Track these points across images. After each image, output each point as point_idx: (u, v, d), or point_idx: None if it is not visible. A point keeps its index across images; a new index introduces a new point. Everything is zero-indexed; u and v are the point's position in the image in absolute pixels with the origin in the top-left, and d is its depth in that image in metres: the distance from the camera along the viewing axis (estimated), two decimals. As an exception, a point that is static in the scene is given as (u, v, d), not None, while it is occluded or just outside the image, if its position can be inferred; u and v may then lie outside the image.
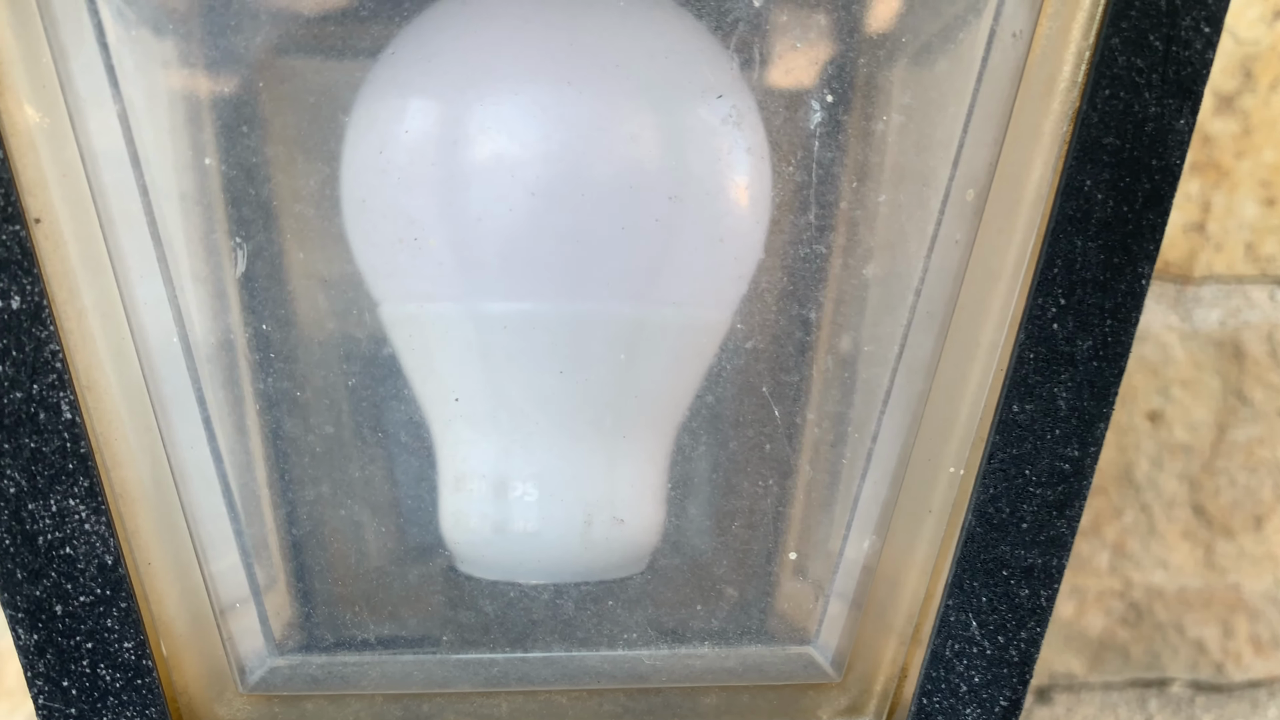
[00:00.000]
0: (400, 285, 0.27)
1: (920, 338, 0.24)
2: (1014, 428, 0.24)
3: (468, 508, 0.28)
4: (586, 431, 0.28)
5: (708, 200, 0.25)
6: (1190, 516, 0.54)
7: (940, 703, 0.25)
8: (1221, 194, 0.52)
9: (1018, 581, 0.25)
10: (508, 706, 0.25)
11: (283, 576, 0.26)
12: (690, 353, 0.27)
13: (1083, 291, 0.24)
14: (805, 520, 0.25)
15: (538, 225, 0.25)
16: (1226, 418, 0.54)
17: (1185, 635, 0.55)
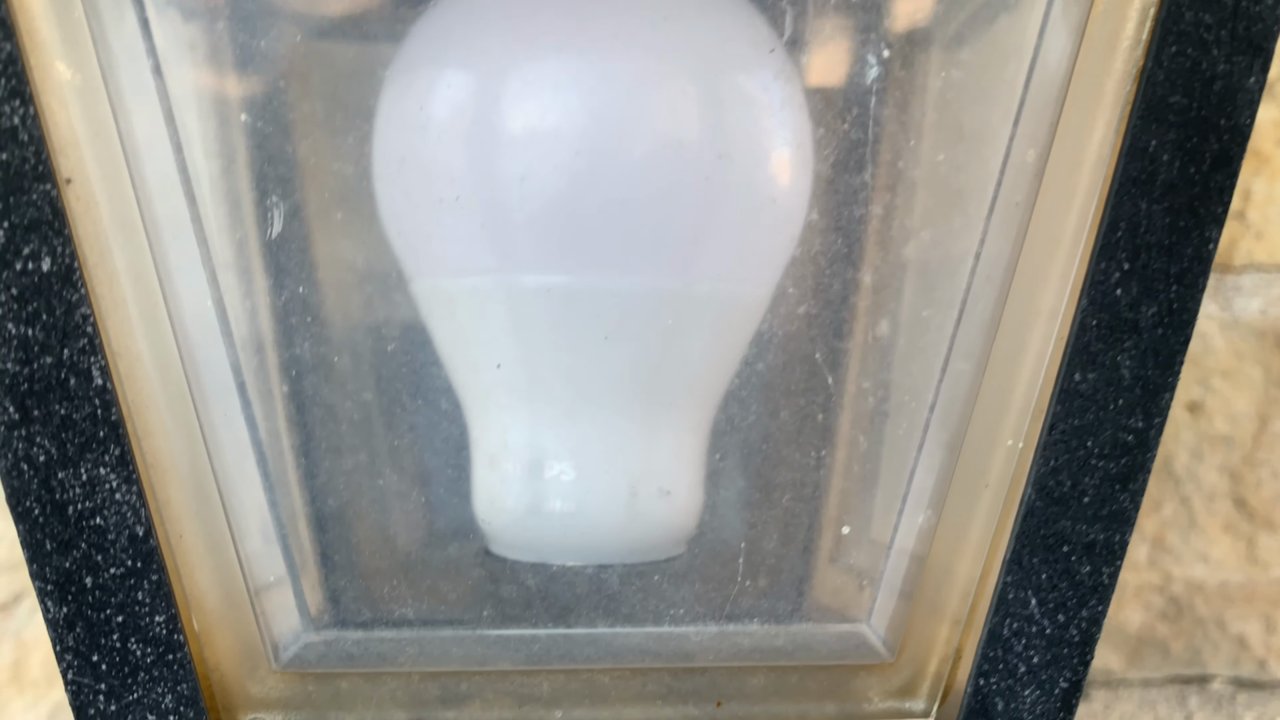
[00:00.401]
0: (434, 257, 0.26)
1: (979, 304, 0.23)
2: (1075, 398, 0.23)
3: (502, 488, 0.27)
4: (625, 409, 0.27)
5: (752, 166, 0.25)
6: (1231, 509, 0.53)
7: (998, 684, 0.24)
8: (1262, 181, 0.51)
9: (1079, 557, 0.24)
10: (548, 686, 0.25)
11: (318, 550, 0.25)
12: (729, 330, 0.27)
13: (1147, 256, 0.23)
14: (858, 494, 0.24)
15: (579, 190, 0.24)
16: (1268, 409, 0.53)
17: (1227, 631, 0.54)
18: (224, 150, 0.23)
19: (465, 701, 0.25)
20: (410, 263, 0.27)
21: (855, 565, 0.25)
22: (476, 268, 0.26)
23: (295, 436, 0.24)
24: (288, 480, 0.24)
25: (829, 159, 0.23)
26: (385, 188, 0.24)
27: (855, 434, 0.24)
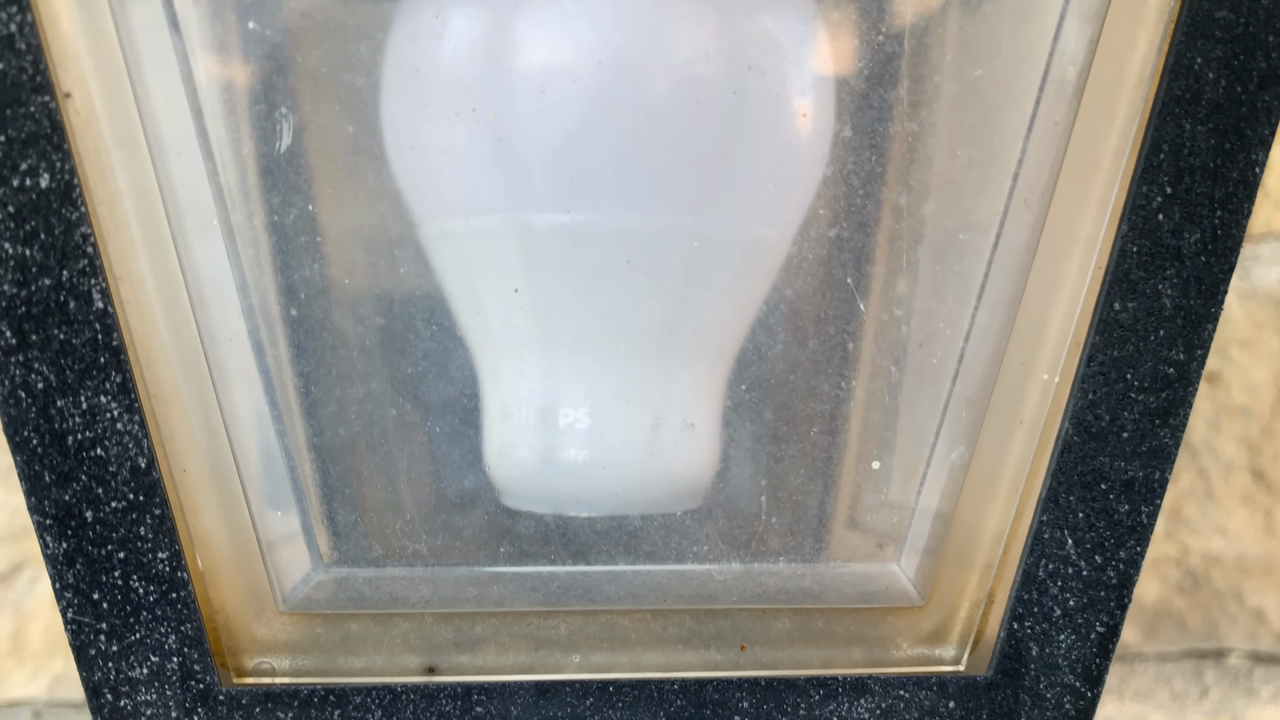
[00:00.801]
0: (443, 195, 0.25)
1: (1016, 229, 0.22)
2: (1115, 328, 0.22)
3: (515, 438, 0.26)
4: (640, 356, 0.26)
5: (771, 106, 0.24)
6: (1249, 481, 0.52)
7: (1032, 628, 0.23)
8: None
9: (1117, 496, 0.23)
10: (566, 629, 0.24)
11: (327, 486, 0.24)
12: (748, 274, 0.26)
13: (1190, 180, 0.22)
14: (890, 427, 0.23)
15: (599, 110, 0.23)
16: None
17: (1244, 604, 0.53)
18: (232, 60, 0.22)
19: (479, 645, 0.24)
20: (418, 202, 0.26)
21: (885, 502, 0.24)
22: (487, 206, 0.25)
23: (303, 364, 0.23)
24: (294, 411, 0.23)
25: (863, 72, 0.22)
26: (396, 108, 0.23)
27: (886, 364, 0.23)
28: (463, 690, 0.23)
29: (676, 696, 0.23)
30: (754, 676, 0.23)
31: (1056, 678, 0.24)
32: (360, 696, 0.23)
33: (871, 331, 0.23)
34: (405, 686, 0.23)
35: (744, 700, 0.23)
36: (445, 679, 0.23)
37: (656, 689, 0.23)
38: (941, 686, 0.23)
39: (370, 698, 0.23)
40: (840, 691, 0.23)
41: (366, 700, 0.23)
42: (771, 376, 0.23)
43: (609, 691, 0.23)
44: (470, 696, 0.23)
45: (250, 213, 0.22)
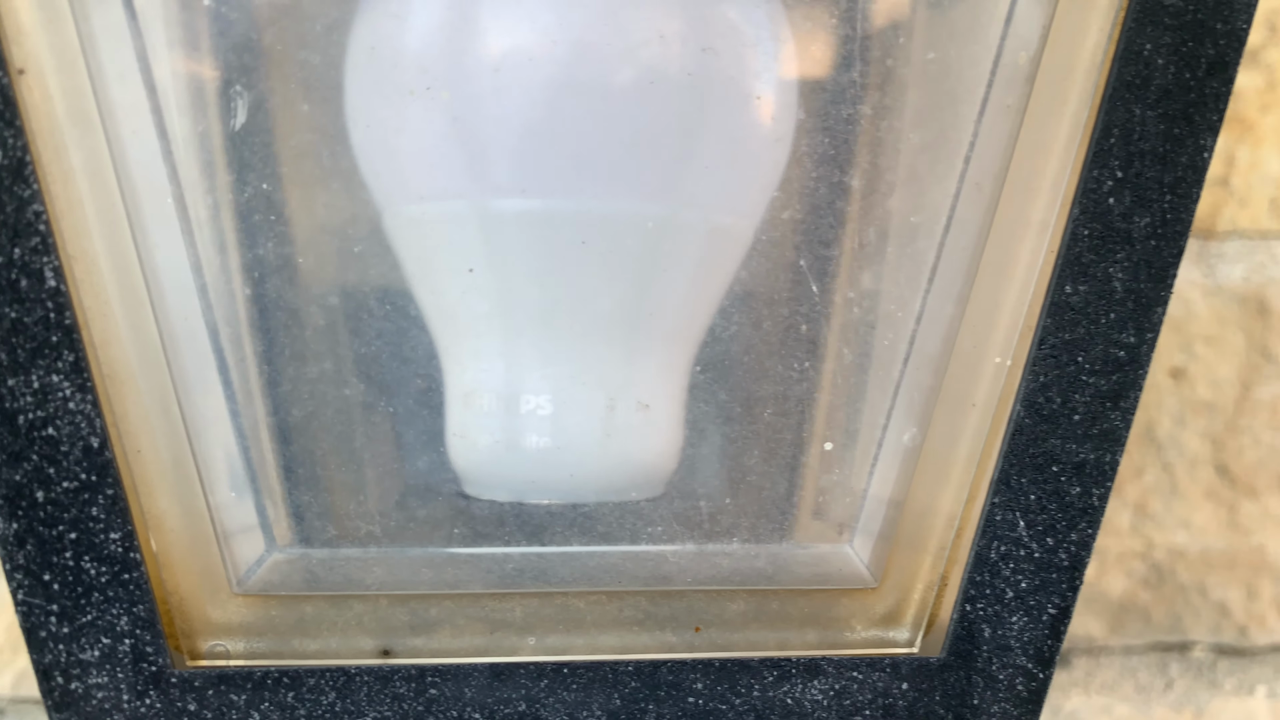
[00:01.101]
0: (403, 180, 0.25)
1: (968, 212, 0.22)
2: (1066, 310, 0.23)
3: (477, 425, 0.26)
4: (603, 343, 0.26)
5: (730, 91, 0.24)
6: (1213, 476, 0.53)
7: (984, 610, 0.24)
8: (1246, 148, 0.51)
9: (1069, 478, 0.23)
10: (521, 611, 0.24)
11: (282, 467, 0.24)
12: (709, 261, 0.26)
13: (1141, 164, 0.22)
14: (843, 408, 0.23)
15: (556, 92, 0.23)
16: (1250, 375, 0.52)
17: (1208, 597, 0.53)
18: (187, 38, 0.22)
19: (435, 628, 0.24)
20: (378, 187, 0.26)
21: (838, 484, 0.24)
22: (446, 190, 0.25)
23: (259, 344, 0.23)
24: (250, 392, 0.23)
25: (817, 56, 0.22)
26: (355, 85, 0.23)
27: (839, 346, 0.23)
28: (417, 672, 0.23)
29: (630, 678, 0.23)
30: (708, 658, 0.23)
31: (1009, 659, 0.24)
32: (314, 679, 0.23)
33: (825, 314, 0.23)
34: (360, 669, 0.23)
35: (698, 682, 0.23)
36: (400, 661, 0.23)
37: (611, 670, 0.23)
38: (895, 668, 0.24)
39: (324, 680, 0.23)
40: (794, 673, 0.23)
41: (321, 682, 0.23)
42: (726, 358, 0.23)
43: (563, 673, 0.23)
44: (425, 679, 0.23)
45: (206, 191, 0.22)
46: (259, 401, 0.23)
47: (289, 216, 0.23)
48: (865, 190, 0.22)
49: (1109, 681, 0.53)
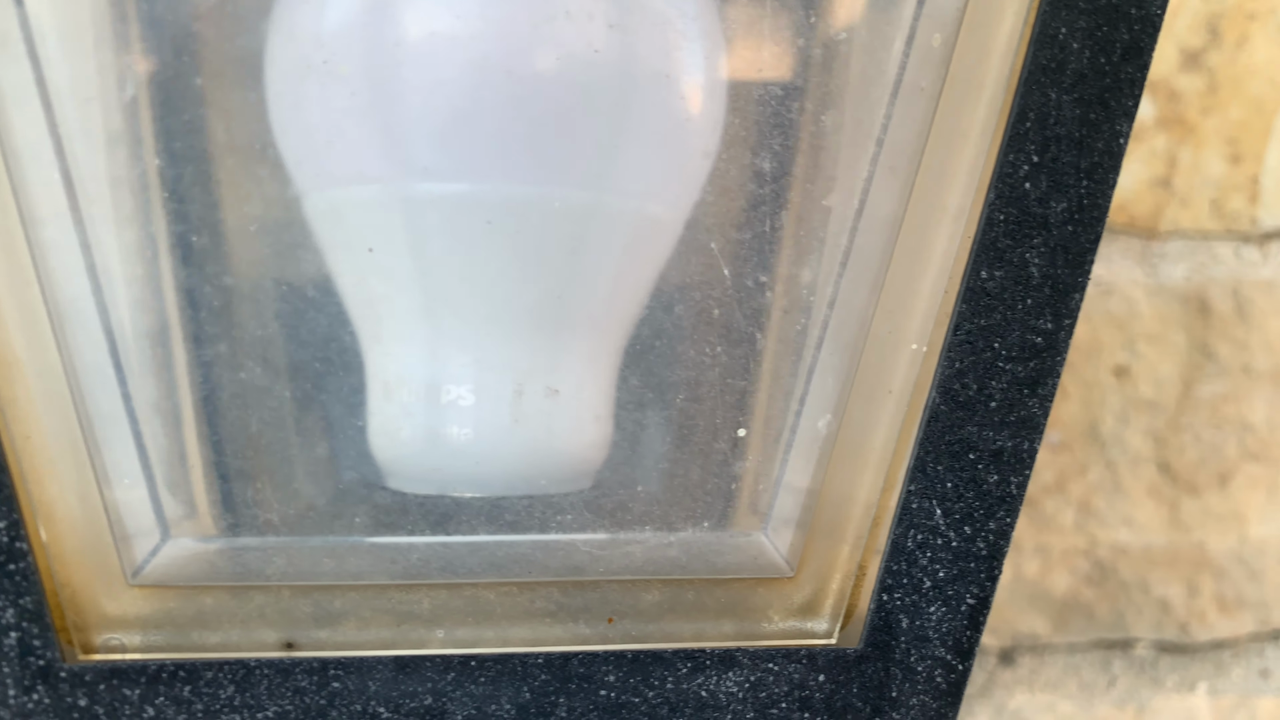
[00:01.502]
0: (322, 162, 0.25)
1: (882, 195, 0.22)
2: (982, 296, 0.22)
3: (398, 417, 0.26)
4: (526, 329, 0.26)
5: (652, 75, 0.23)
6: (1156, 474, 0.53)
7: (902, 599, 0.23)
8: (1188, 150, 0.52)
9: (985, 466, 0.23)
10: (429, 602, 0.23)
11: (178, 453, 0.23)
12: (636, 250, 0.25)
13: (1057, 149, 0.22)
14: (756, 394, 0.23)
15: (473, 84, 0.22)
16: (1192, 374, 0.53)
17: (1150, 594, 0.54)
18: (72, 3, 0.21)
19: (340, 620, 0.23)
20: (299, 173, 0.25)
21: (751, 470, 0.24)
22: (365, 176, 0.24)
23: (150, 324, 0.22)
24: (145, 375, 0.22)
25: (726, 36, 0.22)
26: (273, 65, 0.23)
27: (752, 330, 0.23)
28: (319, 665, 0.22)
29: (540, 670, 0.23)
30: (620, 650, 0.23)
31: (927, 650, 0.24)
32: (212, 672, 0.22)
33: (737, 298, 0.22)
34: (259, 661, 0.22)
35: (610, 674, 0.23)
36: (301, 654, 0.22)
37: (520, 663, 0.23)
38: (811, 659, 0.23)
39: (222, 673, 0.22)
40: (708, 664, 0.23)
41: (219, 676, 0.22)
42: (637, 343, 0.23)
43: (470, 666, 0.22)
44: (327, 671, 0.22)
45: (95, 165, 0.21)
46: (154, 385, 0.22)
47: (181, 191, 0.22)
48: (776, 173, 0.22)
49: (1053, 679, 0.54)
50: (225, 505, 0.23)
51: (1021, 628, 0.52)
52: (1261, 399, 0.52)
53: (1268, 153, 0.51)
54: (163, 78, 0.21)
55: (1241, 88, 0.51)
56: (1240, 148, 0.51)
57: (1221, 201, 0.52)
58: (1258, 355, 0.53)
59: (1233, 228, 0.52)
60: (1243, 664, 0.54)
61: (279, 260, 0.23)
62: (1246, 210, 0.52)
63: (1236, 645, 0.53)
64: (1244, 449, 0.53)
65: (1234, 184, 0.52)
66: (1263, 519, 0.53)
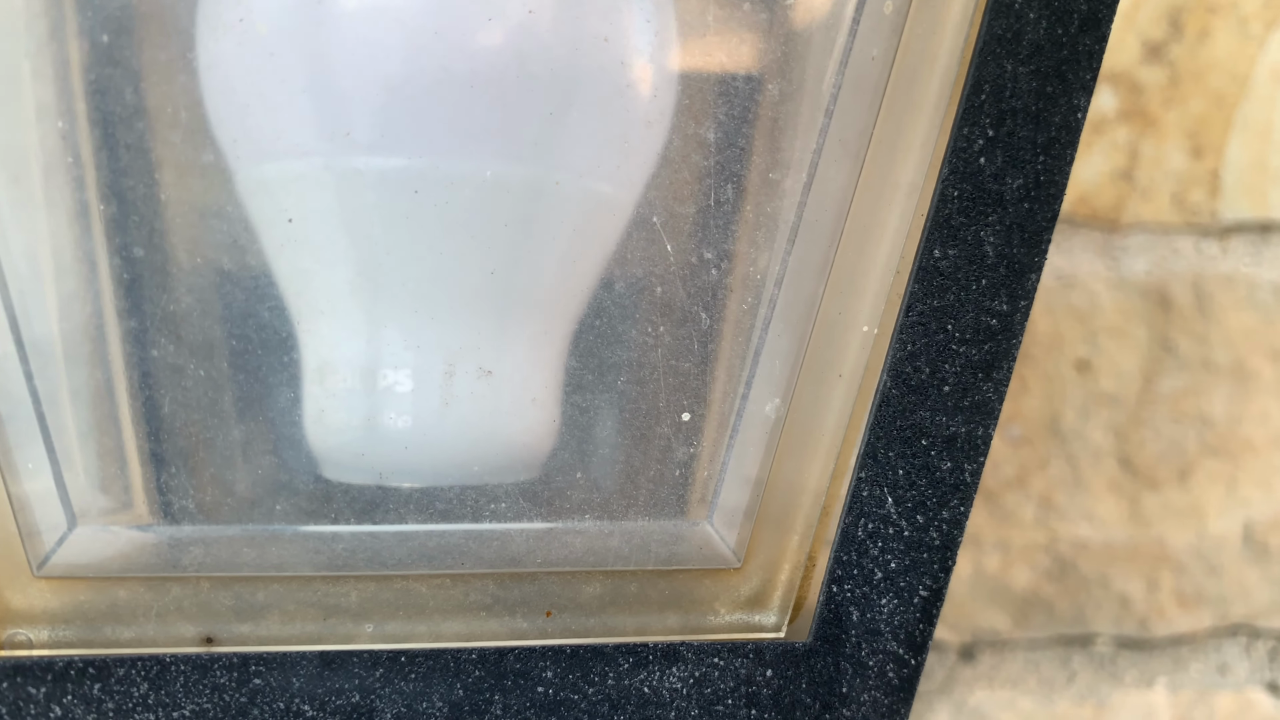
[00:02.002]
0: (255, 137, 0.23)
1: (832, 169, 0.21)
2: (935, 275, 0.21)
3: (332, 404, 0.25)
4: (468, 312, 0.24)
5: (602, 45, 0.22)
6: (1116, 468, 0.53)
7: (852, 591, 0.22)
8: (1150, 142, 0.51)
9: (939, 452, 0.22)
10: (357, 595, 0.22)
11: (85, 433, 0.22)
12: (586, 231, 0.24)
13: (1013, 122, 0.21)
14: (700, 377, 0.22)
15: (415, 55, 0.21)
16: (1152, 368, 0.52)
17: (1110, 590, 0.53)
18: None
19: (262, 614, 0.22)
20: (231, 149, 0.24)
21: (696, 456, 0.23)
22: (300, 149, 0.23)
23: (57, 298, 0.21)
24: (51, 352, 0.21)
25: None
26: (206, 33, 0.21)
27: (696, 310, 0.22)
28: (239, 660, 0.21)
29: (474, 667, 0.22)
30: (558, 645, 0.22)
31: (879, 644, 0.23)
32: (124, 668, 0.21)
33: (680, 275, 0.21)
34: (175, 657, 0.21)
35: (547, 670, 0.22)
36: (220, 649, 0.21)
37: (453, 659, 0.21)
38: (758, 654, 0.22)
39: (136, 669, 0.21)
40: (651, 660, 0.22)
41: (131, 672, 0.21)
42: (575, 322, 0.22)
43: (400, 662, 0.21)
44: (248, 667, 0.21)
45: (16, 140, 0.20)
46: (60, 362, 0.21)
47: (86, 156, 0.21)
48: (721, 144, 0.21)
49: (1013, 676, 0.53)
50: (142, 492, 0.22)
51: (982, 624, 0.52)
52: (1221, 393, 0.52)
53: (1228, 147, 0.51)
54: (65, 35, 0.20)
55: (1202, 81, 0.51)
56: (1201, 141, 0.51)
57: (1182, 195, 0.52)
58: (1217, 350, 0.52)
59: (1193, 221, 0.52)
60: (1201, 659, 0.54)
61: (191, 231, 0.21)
62: (1207, 204, 0.52)
63: (1195, 641, 0.53)
64: (1203, 443, 0.52)
65: (1195, 177, 0.52)
66: (1221, 514, 0.53)
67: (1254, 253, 0.53)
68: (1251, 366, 0.53)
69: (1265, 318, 0.53)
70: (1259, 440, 0.53)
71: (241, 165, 0.24)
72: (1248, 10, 0.50)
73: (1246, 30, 0.50)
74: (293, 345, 0.24)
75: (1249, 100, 0.50)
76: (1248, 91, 0.50)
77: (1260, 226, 0.52)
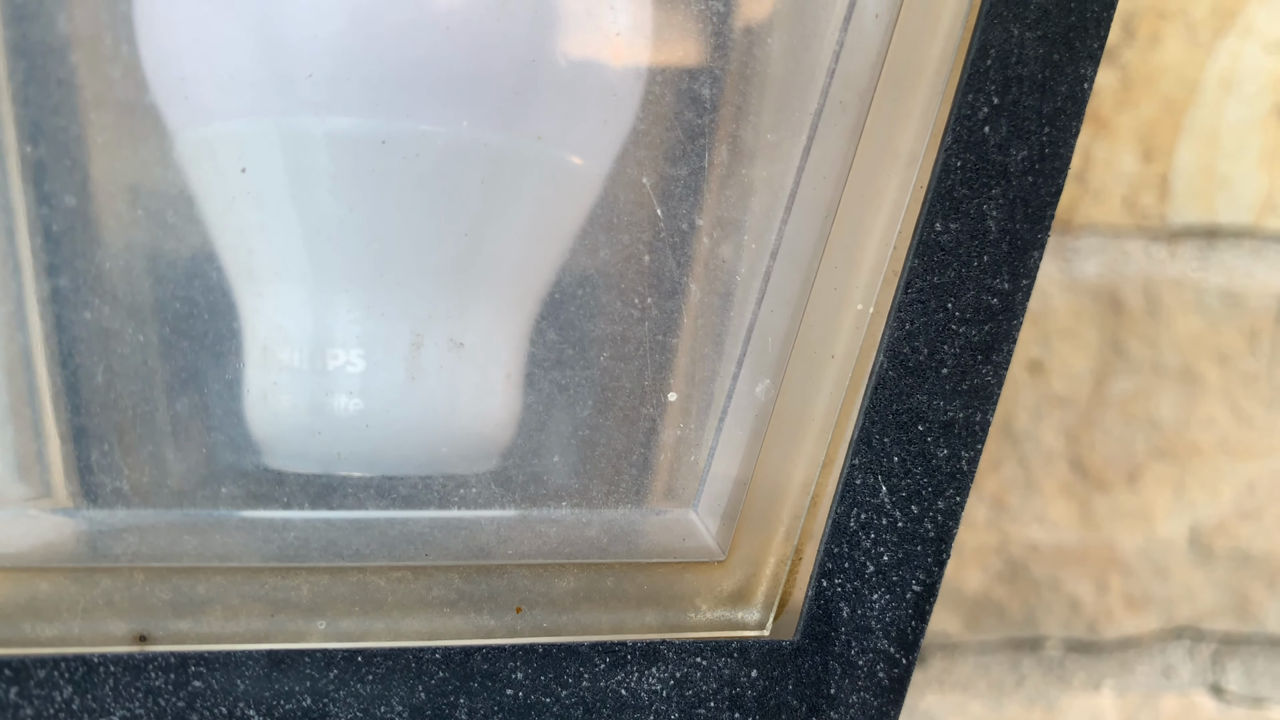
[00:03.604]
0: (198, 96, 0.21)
1: (831, 133, 0.20)
2: (936, 250, 0.20)
3: (277, 385, 0.23)
4: (427, 285, 0.23)
5: (579, 21, 0.21)
6: (1067, 470, 0.53)
7: (843, 586, 0.21)
8: (1102, 145, 0.51)
9: (935, 439, 0.21)
10: (309, 589, 0.20)
11: (3, 404, 0.20)
12: (550, 201, 0.23)
13: (1019, 91, 0.20)
14: (689, 354, 0.21)
15: (373, 14, 0.20)
16: (1103, 370, 0.52)
17: (1060, 592, 0.53)
18: None
19: (203, 609, 0.20)
20: (170, 109, 0.22)
21: (682, 440, 0.21)
22: (243, 110, 0.21)
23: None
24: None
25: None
26: None
27: (686, 281, 0.20)
28: (177, 661, 0.19)
29: (438, 667, 0.20)
30: (530, 643, 0.20)
31: (869, 642, 0.21)
32: (45, 670, 0.19)
33: (670, 241, 0.20)
34: (104, 657, 0.19)
35: (517, 671, 0.20)
36: (156, 649, 0.19)
37: (414, 659, 0.20)
38: (743, 653, 0.21)
39: (58, 671, 0.19)
40: (629, 659, 0.20)
41: (53, 674, 0.19)
42: (557, 291, 0.20)
43: (356, 662, 0.19)
44: (186, 668, 0.19)
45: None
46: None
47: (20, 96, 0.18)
48: (715, 99, 0.19)
49: (963, 679, 0.53)
50: (64, 470, 0.20)
51: (933, 626, 0.51)
52: (1169, 397, 0.52)
53: (1177, 151, 0.51)
54: None
55: (1153, 85, 0.51)
56: (1151, 144, 0.51)
57: (1132, 198, 0.52)
58: (1166, 353, 0.53)
59: (1143, 224, 0.52)
60: (1147, 662, 0.54)
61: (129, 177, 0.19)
62: (1156, 207, 0.52)
63: (1141, 643, 0.53)
64: (1152, 446, 0.52)
65: (1145, 181, 0.52)
66: (1168, 516, 0.53)
67: (1201, 257, 0.53)
68: (1198, 370, 0.53)
69: (1211, 322, 0.53)
70: (1205, 444, 0.53)
71: (180, 127, 0.22)
72: (1196, 17, 0.50)
73: (1195, 37, 0.51)
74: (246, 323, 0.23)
75: (1197, 106, 0.50)
76: (1196, 97, 0.50)
77: (1207, 231, 0.53)
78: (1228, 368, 0.53)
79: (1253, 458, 0.53)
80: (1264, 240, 0.53)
